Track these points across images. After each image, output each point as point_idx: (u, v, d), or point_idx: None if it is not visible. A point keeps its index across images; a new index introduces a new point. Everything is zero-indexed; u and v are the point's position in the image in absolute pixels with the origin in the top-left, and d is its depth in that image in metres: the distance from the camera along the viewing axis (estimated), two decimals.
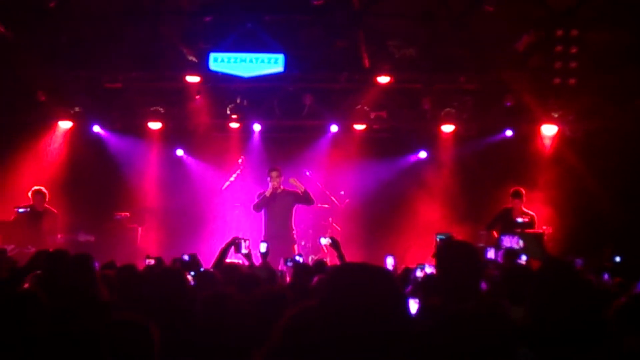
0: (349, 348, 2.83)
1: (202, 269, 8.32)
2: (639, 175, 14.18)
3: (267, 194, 12.80)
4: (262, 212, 12.98)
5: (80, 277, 6.04)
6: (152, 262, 9.13)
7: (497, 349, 3.51)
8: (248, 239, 9.48)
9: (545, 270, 5.07)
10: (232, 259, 9.56)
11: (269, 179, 12.82)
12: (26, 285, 6.30)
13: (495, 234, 13.12)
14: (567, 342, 4.39)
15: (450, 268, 4.83)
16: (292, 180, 12.87)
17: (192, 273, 7.02)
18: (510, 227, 12.69)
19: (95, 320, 3.68)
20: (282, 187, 12.88)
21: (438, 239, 9.66)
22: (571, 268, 5.18)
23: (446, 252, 5.04)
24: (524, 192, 13.55)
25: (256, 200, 12.98)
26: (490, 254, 9.48)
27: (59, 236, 13.38)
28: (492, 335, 3.52)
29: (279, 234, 12.65)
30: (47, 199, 13.50)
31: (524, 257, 9.29)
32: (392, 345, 2.85)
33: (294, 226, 13.02)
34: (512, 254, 9.22)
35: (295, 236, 13.00)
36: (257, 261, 9.46)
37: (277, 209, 12.80)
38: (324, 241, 10.33)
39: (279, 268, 9.88)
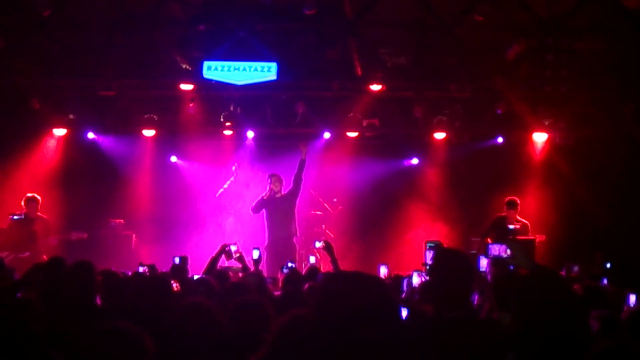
0: (342, 356, 2.89)
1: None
2: (629, 182, 14.28)
3: (265, 196, 13.32)
4: (265, 217, 13.42)
5: (81, 285, 6.08)
6: (146, 269, 9.19)
7: (488, 356, 3.59)
8: (236, 243, 9.60)
9: (531, 278, 5.16)
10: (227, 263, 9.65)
11: (269, 181, 13.37)
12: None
13: (489, 241, 13.15)
14: (553, 347, 4.48)
15: (444, 276, 4.88)
16: (302, 147, 13.54)
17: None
18: (503, 235, 12.76)
19: (91, 329, 3.72)
20: (281, 193, 13.22)
21: (427, 247, 9.72)
22: (557, 276, 5.27)
23: (440, 261, 5.09)
24: (519, 202, 13.64)
25: (255, 202, 13.49)
26: (483, 263, 9.53)
27: (51, 238, 13.43)
28: (483, 342, 3.60)
29: (280, 237, 13.15)
30: (40, 206, 13.52)
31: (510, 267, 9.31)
32: (385, 353, 2.91)
33: (297, 231, 13.37)
34: (499, 262, 9.27)
35: (296, 241, 13.33)
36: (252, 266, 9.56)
37: (277, 214, 13.29)
38: (318, 244, 10.46)
39: (278, 275, 9.98)
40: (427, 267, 9.00)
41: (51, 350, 4.45)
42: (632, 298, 7.49)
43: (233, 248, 9.33)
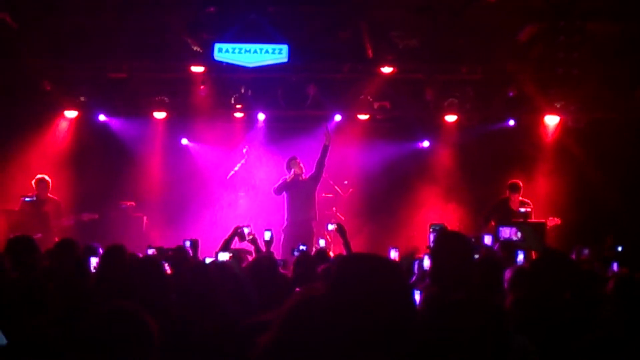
0: (355, 338, 2.86)
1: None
2: None
3: (288, 178, 13.29)
4: (285, 200, 13.44)
5: (114, 269, 6.10)
6: (154, 251, 9.21)
7: (489, 336, 3.59)
8: (249, 225, 9.57)
9: (542, 261, 5.16)
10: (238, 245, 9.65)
11: (292, 164, 13.36)
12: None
13: (492, 224, 13.11)
14: (563, 330, 4.49)
15: (444, 259, 4.90)
16: (326, 134, 13.54)
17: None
18: (508, 218, 12.74)
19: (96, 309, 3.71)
20: (303, 176, 13.25)
21: (431, 230, 9.71)
22: (567, 259, 5.27)
23: (440, 243, 5.11)
24: (521, 184, 13.61)
25: (278, 184, 13.47)
26: (487, 240, 9.51)
27: (63, 219, 13.51)
28: (486, 324, 3.61)
29: (299, 220, 13.18)
30: (50, 187, 13.58)
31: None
32: (397, 336, 2.90)
33: (316, 215, 13.45)
34: (509, 245, 9.25)
35: (314, 225, 13.32)
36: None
37: (299, 197, 13.30)
38: (331, 227, 10.46)
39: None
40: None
41: (60, 331, 4.48)
42: None
43: (246, 230, 9.32)
